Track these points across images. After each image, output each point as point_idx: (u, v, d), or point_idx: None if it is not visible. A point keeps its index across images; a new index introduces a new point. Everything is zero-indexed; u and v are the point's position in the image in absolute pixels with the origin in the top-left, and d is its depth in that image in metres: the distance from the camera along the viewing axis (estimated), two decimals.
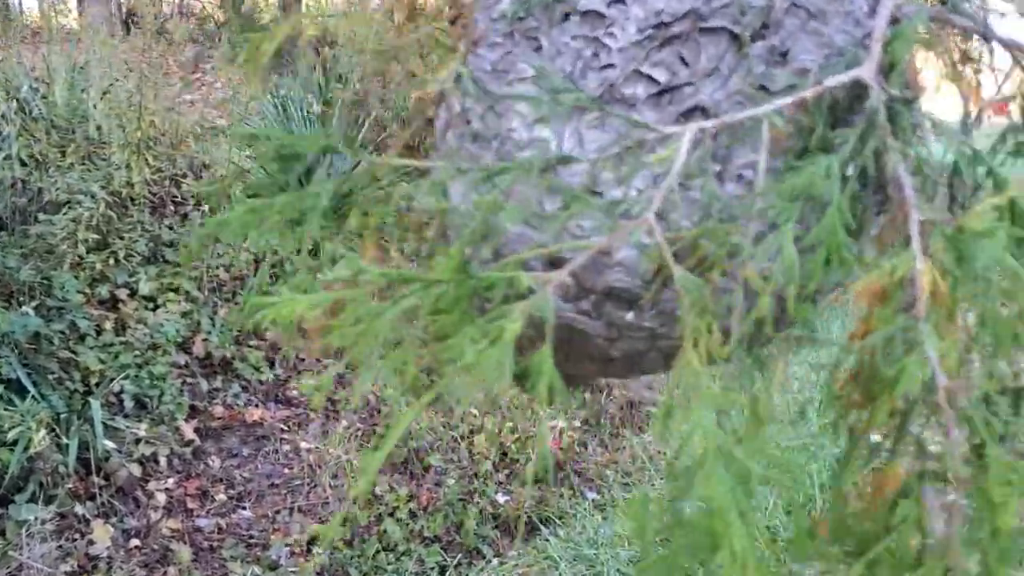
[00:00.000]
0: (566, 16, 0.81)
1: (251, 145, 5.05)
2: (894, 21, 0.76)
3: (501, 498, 4.10)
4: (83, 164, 4.08)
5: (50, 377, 3.35)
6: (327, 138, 1.02)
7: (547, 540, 3.46)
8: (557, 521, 3.76)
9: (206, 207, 4.49)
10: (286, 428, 3.98)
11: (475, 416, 4.64)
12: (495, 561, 3.53)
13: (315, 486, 3.78)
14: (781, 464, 3.25)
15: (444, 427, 4.43)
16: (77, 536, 3.08)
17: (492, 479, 4.25)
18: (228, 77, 6.67)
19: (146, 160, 4.19)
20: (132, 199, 4.16)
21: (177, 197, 4.58)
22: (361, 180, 0.94)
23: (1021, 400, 0.68)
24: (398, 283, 0.71)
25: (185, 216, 4.51)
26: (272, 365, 4.22)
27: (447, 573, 3.38)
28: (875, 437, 0.70)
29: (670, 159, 0.71)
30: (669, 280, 0.71)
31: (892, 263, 0.64)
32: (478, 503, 4.02)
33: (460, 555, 3.63)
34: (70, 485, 3.17)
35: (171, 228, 4.38)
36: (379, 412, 4.26)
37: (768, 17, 0.77)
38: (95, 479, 3.26)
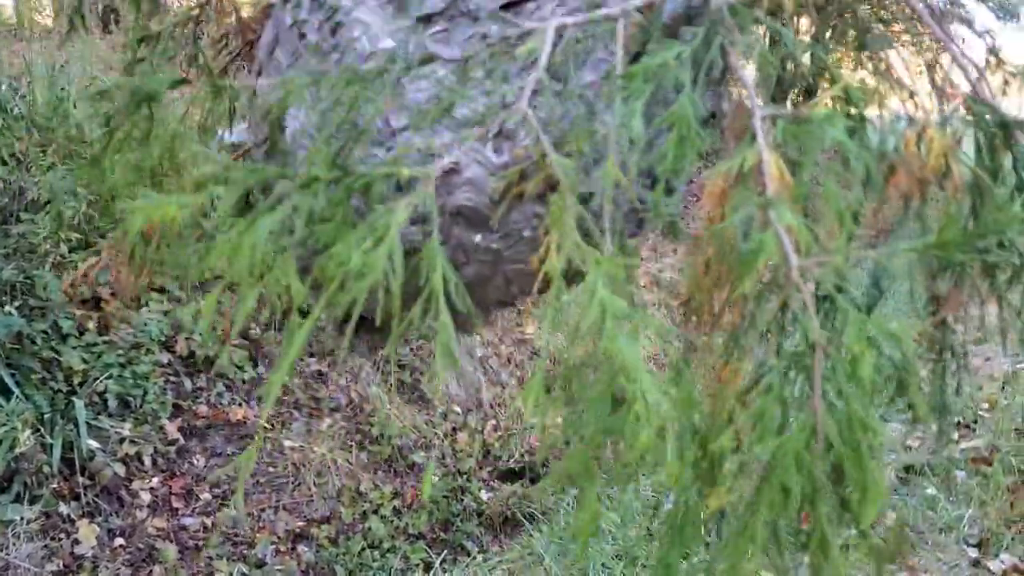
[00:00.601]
0: None
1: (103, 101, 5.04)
2: None
3: (485, 495, 4.14)
4: (65, 163, 4.06)
5: (33, 377, 3.34)
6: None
7: (531, 535, 3.49)
8: (541, 516, 3.80)
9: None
10: (270, 427, 3.98)
11: (457, 414, 4.68)
12: (480, 557, 3.56)
13: (299, 484, 3.79)
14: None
15: (427, 425, 4.46)
16: (62, 536, 3.08)
17: (476, 476, 4.28)
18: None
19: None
20: (113, 197, 4.14)
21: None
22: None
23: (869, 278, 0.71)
24: (270, 182, 0.68)
25: (168, 174, 4.49)
26: (255, 364, 4.22)
27: (432, 570, 3.40)
28: None
29: (536, 51, 0.70)
30: (517, 200, 0.72)
31: (742, 154, 0.67)
32: (462, 500, 4.05)
33: (445, 551, 3.66)
34: (55, 485, 3.17)
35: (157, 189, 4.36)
36: (362, 410, 4.28)
37: None
38: (80, 479, 3.25)
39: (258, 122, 0.91)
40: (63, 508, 3.15)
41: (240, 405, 4.00)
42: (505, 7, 0.77)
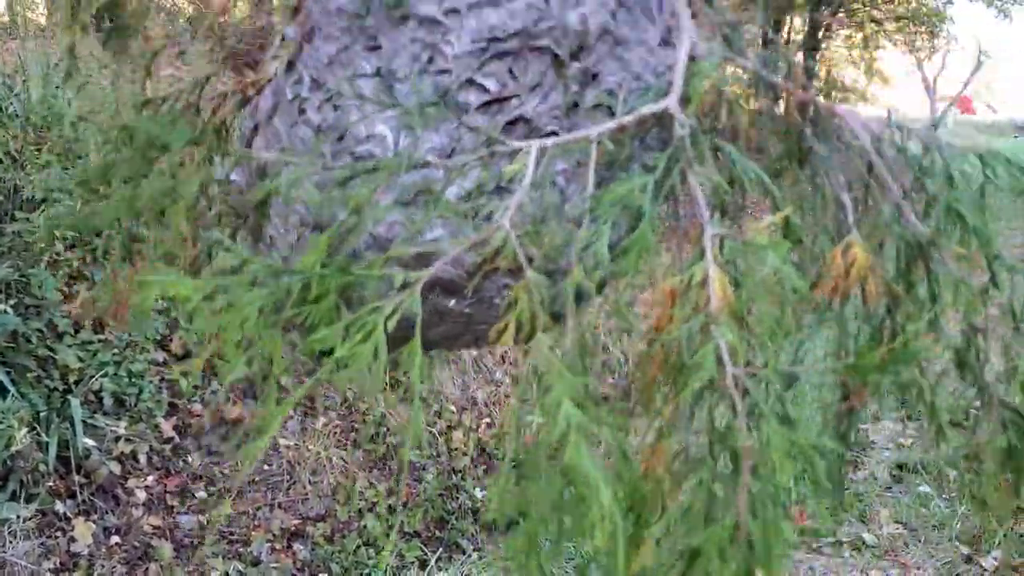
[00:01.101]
0: (404, 19, 0.85)
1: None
2: (691, 58, 0.87)
3: (480, 493, 4.15)
4: (60, 161, 4.05)
5: (29, 375, 3.34)
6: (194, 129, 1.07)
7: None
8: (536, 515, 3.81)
9: (181, 203, 4.48)
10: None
11: (452, 412, 4.69)
12: (475, 555, 3.58)
13: (294, 482, 3.80)
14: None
15: (421, 423, 4.47)
16: (59, 534, 3.08)
17: (470, 474, 4.29)
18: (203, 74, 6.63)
19: None
20: (108, 196, 4.14)
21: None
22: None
23: (790, 381, 0.79)
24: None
25: (162, 212, 4.49)
26: (250, 363, 4.23)
27: (427, 568, 3.41)
28: None
29: (521, 172, 0.79)
30: (490, 273, 0.80)
31: (691, 269, 0.76)
32: (457, 498, 4.06)
33: (440, 549, 3.67)
34: (51, 483, 3.17)
35: (148, 226, 4.36)
36: (357, 409, 4.29)
37: (584, 41, 0.86)
38: (75, 477, 3.26)
39: (252, 172, 0.98)
40: (59, 506, 3.15)
41: (235, 403, 4.01)
42: (488, 104, 0.84)
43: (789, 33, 19.15)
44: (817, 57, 19.53)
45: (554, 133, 0.85)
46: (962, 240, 0.87)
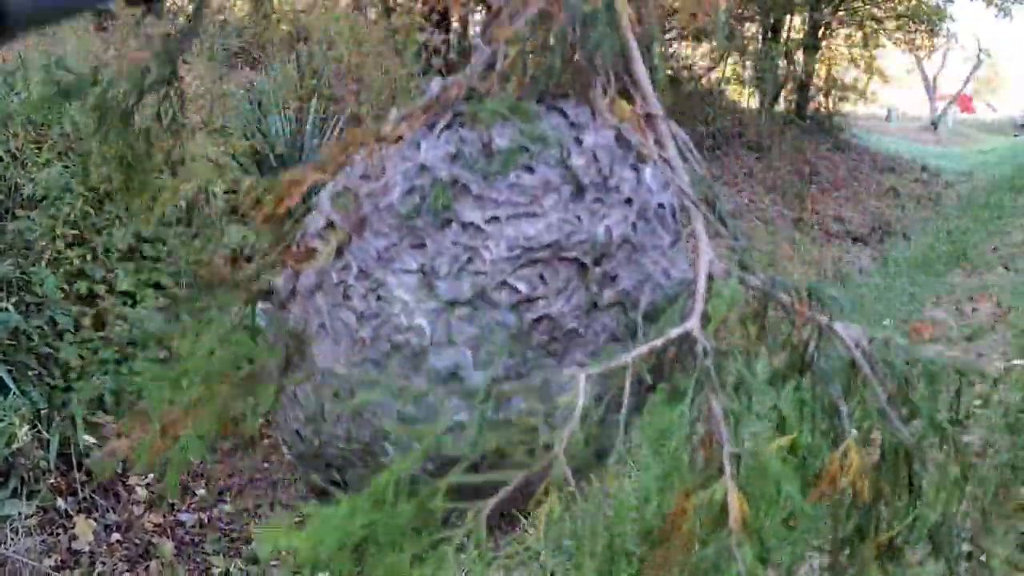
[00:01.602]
0: (449, 223, 0.95)
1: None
2: (709, 277, 0.96)
3: None
4: (60, 160, 4.06)
5: (30, 373, 3.36)
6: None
7: (527, 532, 3.51)
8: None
9: (183, 203, 4.49)
10: (266, 423, 3.99)
11: None
12: (475, 553, 3.58)
13: (296, 481, 3.81)
14: None
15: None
16: (60, 531, 3.09)
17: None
18: (200, 72, 6.65)
19: None
20: (109, 195, 4.15)
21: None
22: None
23: None
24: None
25: (162, 211, 4.51)
26: (251, 361, 4.23)
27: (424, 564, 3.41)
28: None
29: (573, 403, 0.87)
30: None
31: (713, 489, 0.84)
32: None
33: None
34: (52, 480, 3.18)
35: (149, 223, 4.38)
36: None
37: (607, 249, 0.96)
38: (76, 474, 3.27)
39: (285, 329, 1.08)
40: (60, 503, 3.16)
41: None
42: (518, 303, 0.94)
43: (789, 32, 19.16)
44: (817, 56, 19.53)
45: (575, 330, 0.95)
46: (941, 445, 1.00)
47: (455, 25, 11.84)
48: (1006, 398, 3.50)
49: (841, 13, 18.76)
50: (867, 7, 19.14)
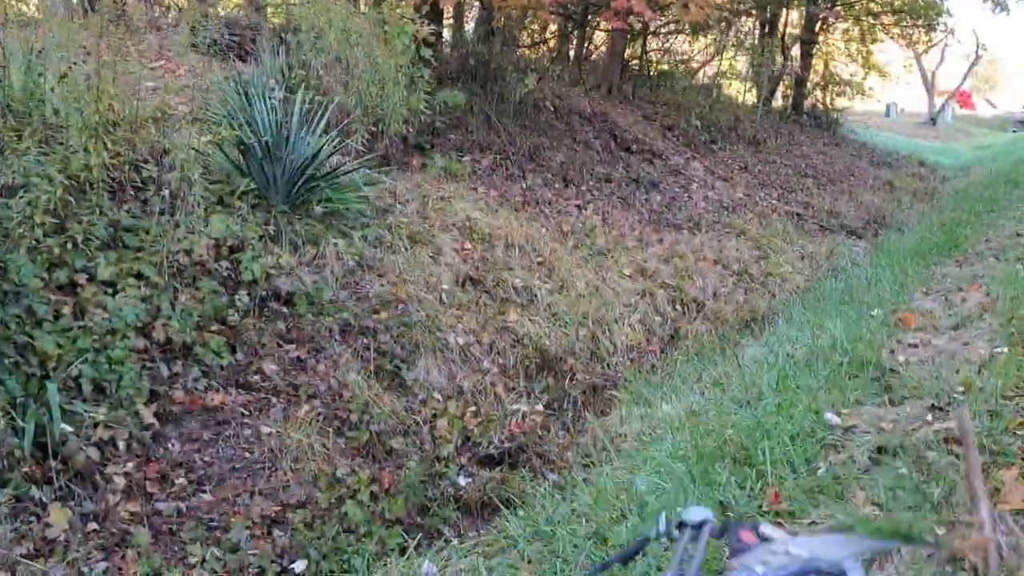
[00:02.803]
0: None
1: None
2: None
3: (463, 480, 4.14)
4: (40, 148, 4.03)
5: (7, 361, 3.33)
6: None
7: (507, 520, 3.49)
8: (518, 502, 3.79)
9: (167, 192, 4.46)
10: (247, 412, 3.98)
11: (438, 400, 4.67)
12: (455, 541, 3.56)
13: (276, 470, 3.79)
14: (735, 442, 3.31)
15: (406, 411, 4.45)
16: (33, 519, 3.06)
17: (454, 462, 4.28)
18: (191, 64, 6.62)
19: (104, 144, 4.15)
20: (90, 183, 4.13)
21: (137, 182, 4.55)
22: None
23: None
24: None
25: (145, 202, 4.48)
26: (233, 350, 4.21)
27: (407, 554, 3.40)
28: None
29: None
30: None
31: None
32: (439, 485, 4.05)
33: (421, 536, 3.66)
34: (26, 468, 3.16)
35: (131, 213, 4.35)
36: (340, 397, 4.27)
37: None
38: (52, 463, 3.24)
39: None
40: (35, 492, 3.14)
41: (217, 391, 3.99)
42: None
43: (786, 27, 19.11)
44: (814, 51, 19.48)
45: None
46: None
47: (449, 18, 11.80)
48: (988, 385, 3.48)
49: (838, 8, 18.70)
50: (864, 2, 19.08)
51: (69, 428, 3.34)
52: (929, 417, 3.35)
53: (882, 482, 2.84)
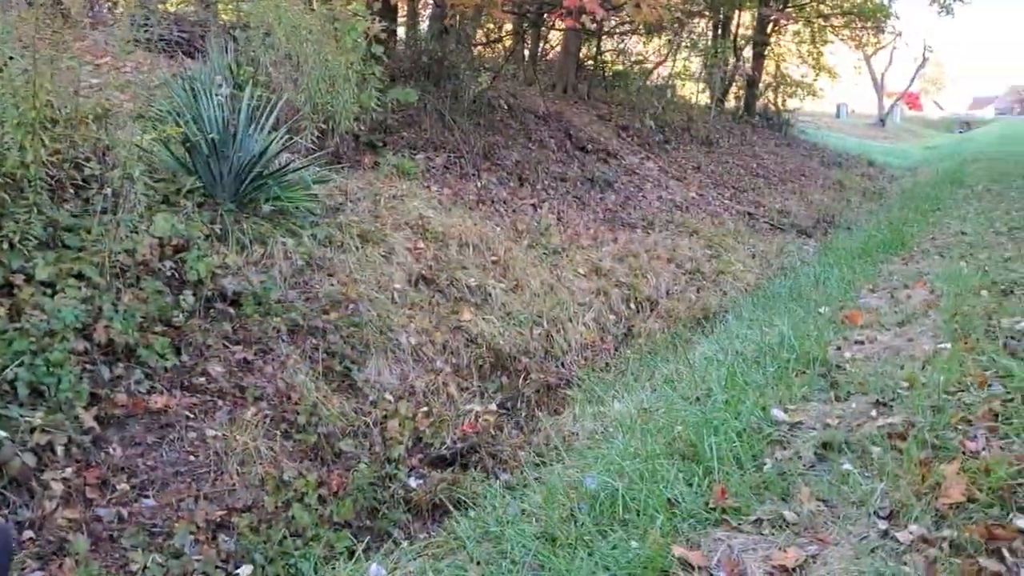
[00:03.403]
0: None
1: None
2: None
3: (414, 482, 4.10)
4: None
5: None
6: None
7: (457, 521, 3.46)
8: (469, 503, 3.77)
9: (109, 191, 4.36)
10: (192, 415, 3.90)
11: (389, 401, 4.63)
12: (405, 543, 3.52)
13: (222, 473, 3.72)
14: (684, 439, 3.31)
15: (356, 412, 4.40)
16: None
17: (405, 463, 4.24)
18: (138, 61, 6.49)
19: (42, 141, 4.04)
20: (28, 181, 4.01)
21: (78, 180, 4.44)
22: None
23: None
24: None
25: (87, 200, 4.38)
26: (178, 352, 4.13)
27: (356, 557, 3.35)
28: None
29: None
30: None
31: None
32: (390, 487, 4.01)
33: (370, 539, 3.62)
34: None
35: (71, 212, 4.24)
36: (288, 398, 4.21)
37: None
38: None
39: None
40: None
41: (161, 393, 3.91)
42: None
43: (738, 28, 19.31)
44: (766, 52, 19.72)
45: None
46: None
47: (404, 15, 11.74)
48: (932, 380, 3.53)
49: (789, 10, 18.94)
50: (814, 4, 19.37)
51: (3, 433, 3.24)
52: (873, 413, 3.38)
53: (827, 478, 2.86)
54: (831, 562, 2.36)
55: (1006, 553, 2.24)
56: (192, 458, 3.75)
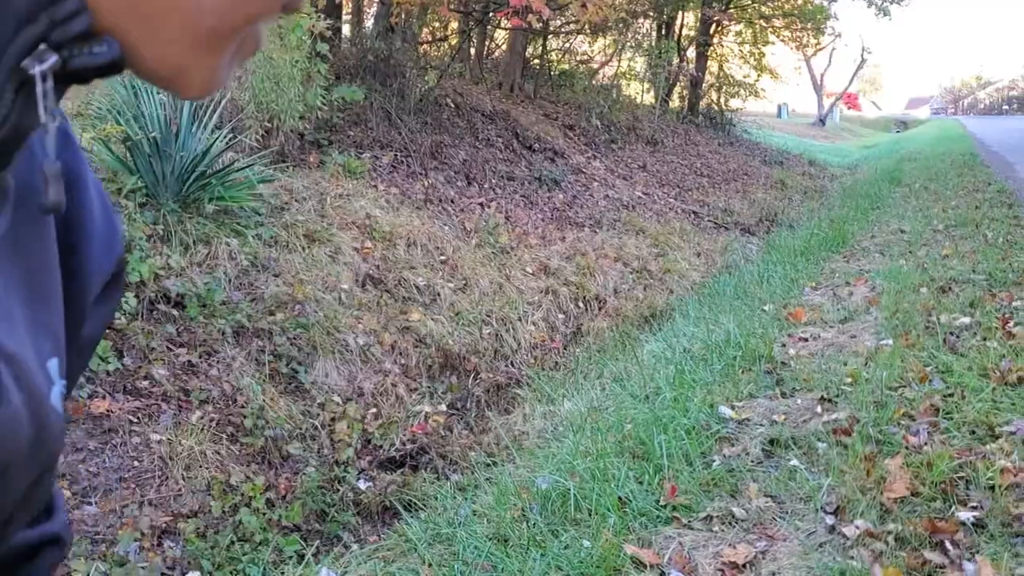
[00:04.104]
0: None
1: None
2: None
3: (363, 484, 4.07)
4: None
5: None
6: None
7: (407, 523, 3.44)
8: (419, 504, 3.75)
9: None
10: (135, 419, 3.82)
11: (337, 403, 4.59)
12: (355, 547, 3.49)
13: (166, 478, 3.65)
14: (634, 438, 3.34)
15: (304, 415, 4.36)
16: None
17: (354, 466, 4.20)
18: None
19: None
20: None
21: None
22: None
23: None
24: None
25: None
26: (120, 355, 4.04)
27: (305, 561, 3.31)
28: None
29: None
30: None
31: None
32: (339, 490, 3.97)
33: (319, 543, 3.58)
34: None
35: None
36: (234, 401, 4.14)
37: None
38: None
39: None
40: None
41: (104, 398, 3.82)
42: None
43: (681, 29, 19.53)
44: (709, 53, 19.98)
45: None
46: None
47: (348, 13, 11.63)
48: (874, 376, 3.61)
49: (731, 11, 19.21)
50: (755, 5, 19.67)
51: None
52: (819, 409, 3.45)
53: (774, 474, 2.91)
54: (780, 558, 2.40)
55: (949, 546, 2.29)
56: (136, 463, 3.68)
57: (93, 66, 0.45)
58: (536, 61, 14.85)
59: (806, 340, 4.59)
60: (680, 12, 18.37)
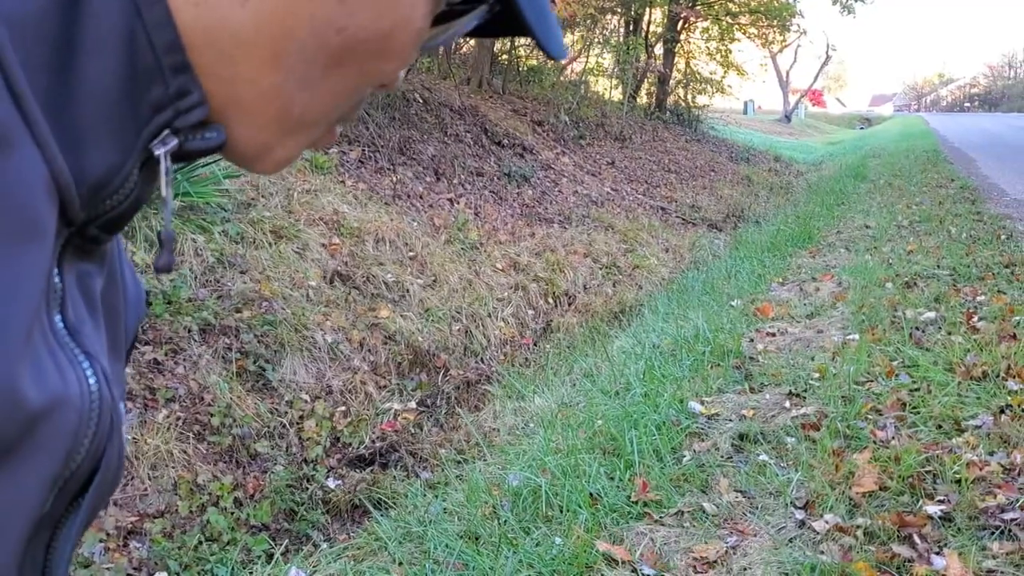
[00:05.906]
0: None
1: None
2: None
3: (332, 483, 4.04)
4: None
5: None
6: None
7: (378, 522, 3.42)
8: (389, 502, 3.73)
9: None
10: None
11: (305, 401, 4.55)
12: (325, 546, 3.46)
13: (132, 478, 3.59)
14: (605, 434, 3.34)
15: (272, 413, 4.31)
16: None
17: (323, 464, 4.17)
18: None
19: None
20: None
21: None
22: None
23: None
24: None
25: None
26: None
27: (274, 561, 3.28)
28: None
29: None
30: None
31: None
32: (308, 489, 3.94)
33: (288, 542, 3.54)
34: None
35: None
36: (201, 400, 4.09)
37: None
38: None
39: None
40: None
41: None
42: None
43: (649, 25, 19.60)
44: (676, 49, 20.07)
45: None
46: None
47: None
48: (842, 371, 3.64)
49: (698, 8, 19.32)
50: (722, 2, 19.79)
51: None
52: (787, 404, 3.47)
53: (744, 469, 2.92)
54: (751, 553, 2.41)
55: (917, 539, 2.32)
56: None
57: (204, 149, 0.51)
58: (504, 57, 14.83)
59: (774, 335, 4.62)
60: (648, 8, 18.43)
